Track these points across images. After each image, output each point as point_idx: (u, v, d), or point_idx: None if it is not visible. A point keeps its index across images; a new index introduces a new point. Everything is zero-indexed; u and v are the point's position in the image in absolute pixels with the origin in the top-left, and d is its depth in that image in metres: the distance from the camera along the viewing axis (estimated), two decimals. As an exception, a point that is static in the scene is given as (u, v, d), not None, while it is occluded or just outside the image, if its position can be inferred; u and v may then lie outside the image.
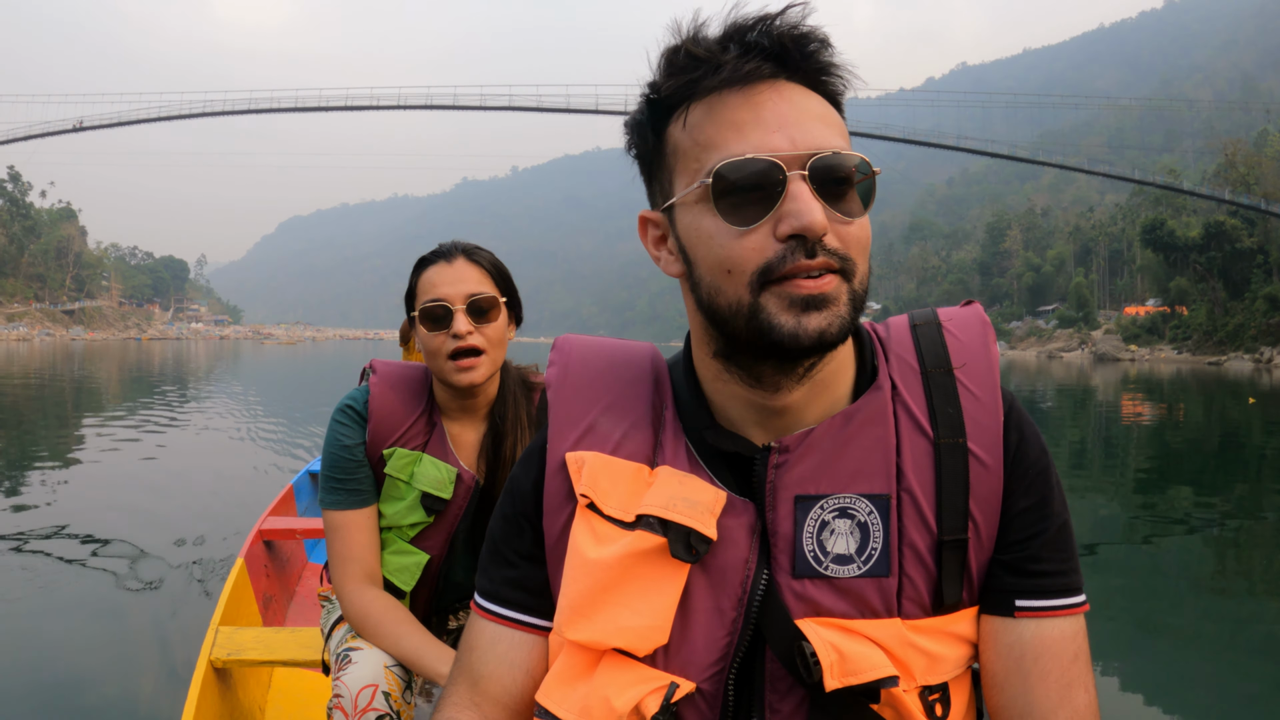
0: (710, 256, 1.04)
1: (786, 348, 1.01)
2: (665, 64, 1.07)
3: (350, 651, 2.14)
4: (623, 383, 1.23)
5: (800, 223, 0.98)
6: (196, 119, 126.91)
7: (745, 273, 1.01)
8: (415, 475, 2.27)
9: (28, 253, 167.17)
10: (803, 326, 1.00)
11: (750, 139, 1.01)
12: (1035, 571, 1.12)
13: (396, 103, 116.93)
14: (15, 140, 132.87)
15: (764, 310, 1.01)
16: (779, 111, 1.02)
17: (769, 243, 1.00)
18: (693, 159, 1.06)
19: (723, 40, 1.04)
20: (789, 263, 0.99)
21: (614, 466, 1.16)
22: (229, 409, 21.69)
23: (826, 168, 1.01)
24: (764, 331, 1.01)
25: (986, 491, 1.12)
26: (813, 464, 1.10)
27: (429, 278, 2.25)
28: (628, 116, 1.16)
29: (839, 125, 1.07)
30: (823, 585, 1.09)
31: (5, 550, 7.09)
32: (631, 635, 1.11)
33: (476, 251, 2.31)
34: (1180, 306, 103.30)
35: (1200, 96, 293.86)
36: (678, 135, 1.08)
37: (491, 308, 2.24)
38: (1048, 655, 1.11)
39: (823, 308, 1.00)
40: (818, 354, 1.04)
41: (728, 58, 1.02)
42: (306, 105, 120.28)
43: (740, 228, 1.01)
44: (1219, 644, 5.93)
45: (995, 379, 1.16)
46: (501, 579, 1.24)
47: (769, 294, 1.01)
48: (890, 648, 1.08)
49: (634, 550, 1.11)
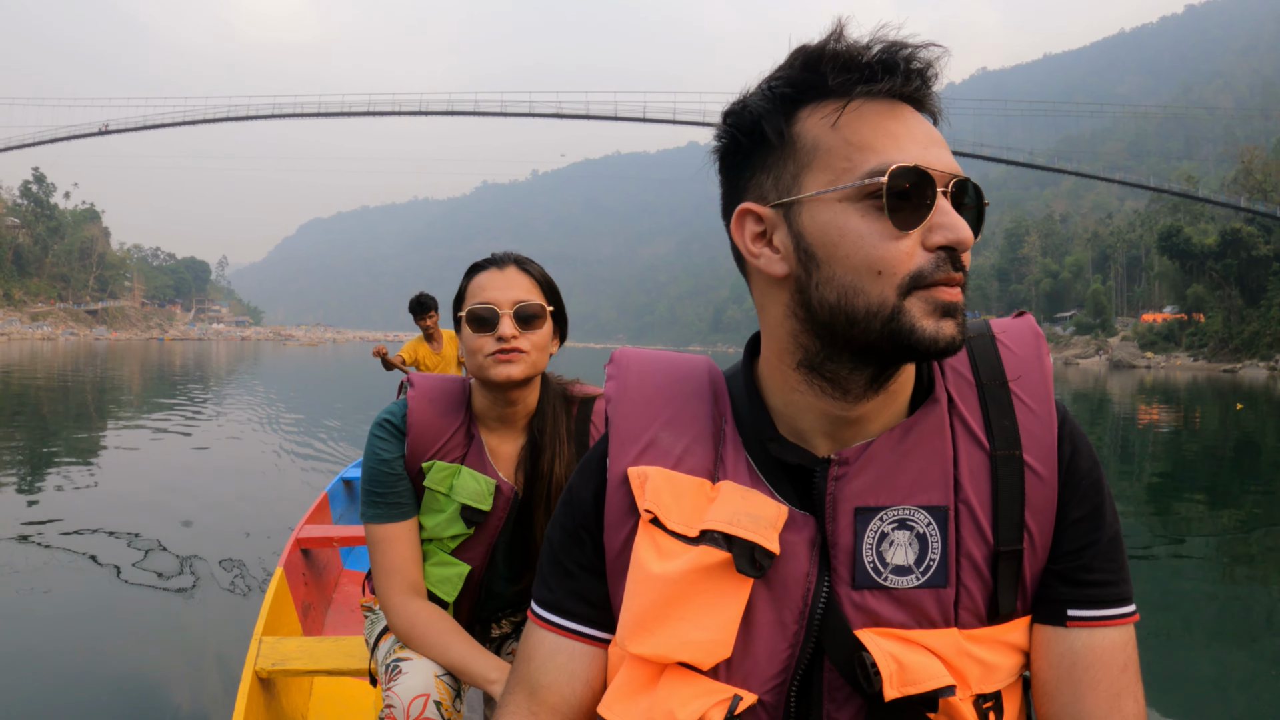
0: (857, 255, 1.04)
1: (924, 350, 1.03)
2: (815, 59, 1.06)
3: (400, 662, 2.17)
4: (682, 396, 1.25)
5: (956, 236, 1.02)
6: (220, 123, 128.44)
7: (897, 275, 1.03)
8: (454, 488, 2.29)
9: (52, 253, 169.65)
10: (941, 331, 1.03)
11: (906, 149, 1.03)
12: (1087, 581, 1.14)
13: (418, 108, 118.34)
14: (43, 143, 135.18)
15: (907, 313, 1.03)
16: (921, 129, 1.06)
17: (918, 250, 1.03)
18: (841, 157, 1.05)
19: (885, 50, 1.05)
20: (940, 272, 1.02)
21: (676, 481, 1.17)
22: (257, 410, 21.78)
23: (962, 191, 1.06)
24: (903, 334, 1.03)
25: (1041, 502, 1.14)
26: (872, 476, 1.12)
27: (479, 282, 2.28)
28: (732, 105, 1.14)
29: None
30: (882, 596, 1.11)
31: (42, 552, 7.12)
32: (696, 649, 1.12)
33: (528, 262, 2.35)
34: (1197, 314, 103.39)
35: (1221, 102, 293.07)
36: (819, 130, 1.07)
37: (538, 316, 2.26)
38: (1098, 665, 1.12)
39: (956, 315, 1.04)
40: (944, 357, 1.06)
41: (896, 70, 1.05)
42: (329, 110, 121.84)
43: (900, 231, 1.02)
44: (1236, 651, 5.96)
45: (1049, 391, 1.18)
46: (562, 590, 1.25)
47: (914, 298, 1.03)
48: (947, 657, 1.10)
49: (698, 565, 1.12)
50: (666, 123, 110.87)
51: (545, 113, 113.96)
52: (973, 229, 1.06)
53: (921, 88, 1.06)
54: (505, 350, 2.21)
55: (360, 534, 4.99)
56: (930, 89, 1.08)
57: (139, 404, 23.43)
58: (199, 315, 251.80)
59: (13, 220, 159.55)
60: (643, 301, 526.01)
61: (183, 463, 12.48)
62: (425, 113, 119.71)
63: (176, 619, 5.63)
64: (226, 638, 5.14)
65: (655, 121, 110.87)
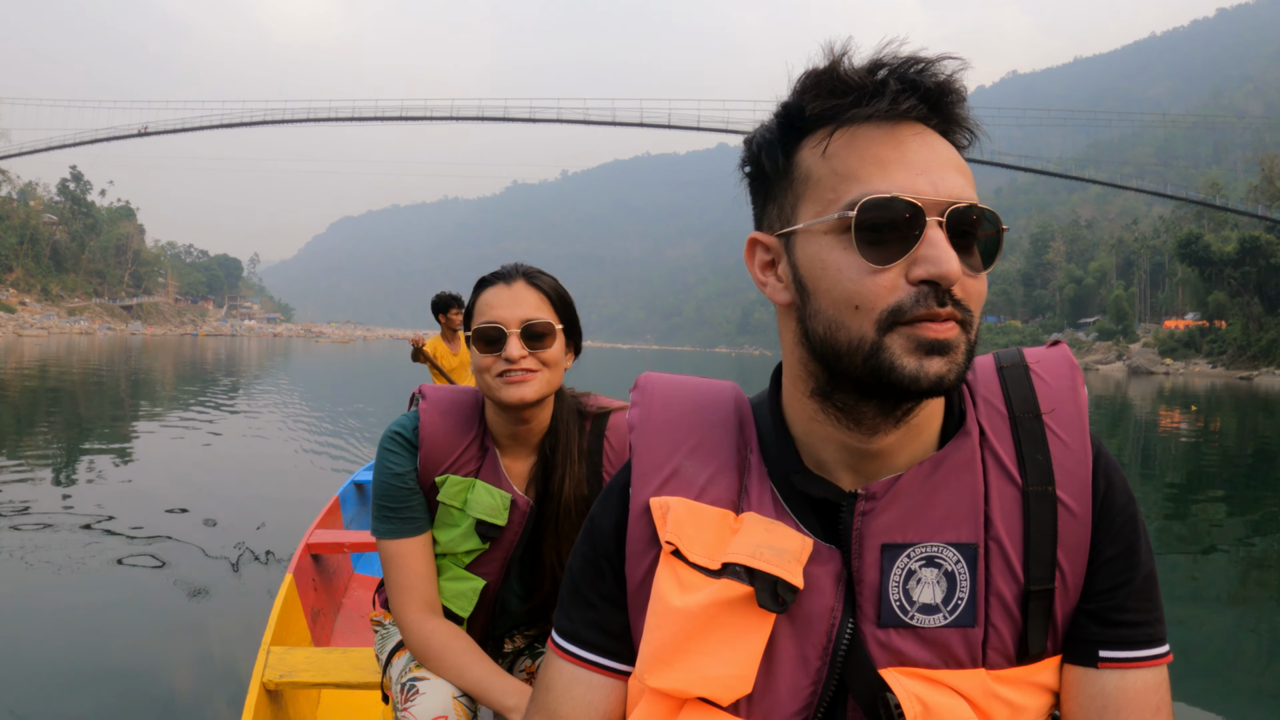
0: (837, 290, 1.03)
1: (904, 389, 1.01)
2: (812, 84, 1.04)
3: (416, 681, 2.13)
4: (707, 425, 1.22)
5: (938, 270, 0.98)
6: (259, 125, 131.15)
7: (875, 310, 1.00)
8: (469, 502, 2.24)
9: (88, 249, 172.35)
10: (924, 370, 0.99)
11: (895, 178, 1.00)
12: (1120, 621, 1.11)
13: (450, 113, 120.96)
14: (84, 143, 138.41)
15: (887, 350, 1.00)
16: (922, 155, 1.02)
17: (901, 284, 1.00)
18: (828, 188, 1.04)
19: (873, 70, 1.02)
20: (921, 307, 0.99)
21: (699, 513, 1.15)
22: (287, 407, 22.16)
23: (962, 219, 1.01)
24: (883, 371, 1.01)
25: (1074, 540, 1.11)
26: (900, 512, 1.10)
27: (486, 299, 2.21)
28: (750, 133, 1.13)
29: (971, 178, 1.05)
30: (907, 635, 1.09)
31: (58, 547, 7.16)
32: (716, 684, 1.10)
33: (538, 276, 2.26)
34: (1219, 320, 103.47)
35: (1251, 107, 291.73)
36: (812, 161, 1.06)
37: (547, 334, 2.18)
38: (1130, 708, 1.10)
39: (945, 353, 1.00)
40: (930, 398, 1.03)
41: (886, 90, 1.01)
42: (363, 115, 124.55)
43: (876, 265, 1.00)
44: (1252, 661, 6.01)
45: (1084, 424, 1.15)
46: (581, 620, 1.23)
47: (895, 334, 1.00)
48: (974, 699, 1.08)
49: (720, 599, 1.09)
50: (690, 129, 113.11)
51: (572, 119, 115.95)
52: (986, 257, 1.04)
53: (919, 106, 1.02)
54: (514, 371, 2.14)
55: (370, 540, 5.08)
56: (940, 105, 1.04)
57: (173, 399, 23.89)
58: (231, 312, 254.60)
59: (50, 217, 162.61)
60: (671, 303, 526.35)
61: (204, 459, 12.76)
62: (456, 118, 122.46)
63: (185, 621, 5.62)
64: (234, 641, 5.19)
65: (679, 129, 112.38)
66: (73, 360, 43.39)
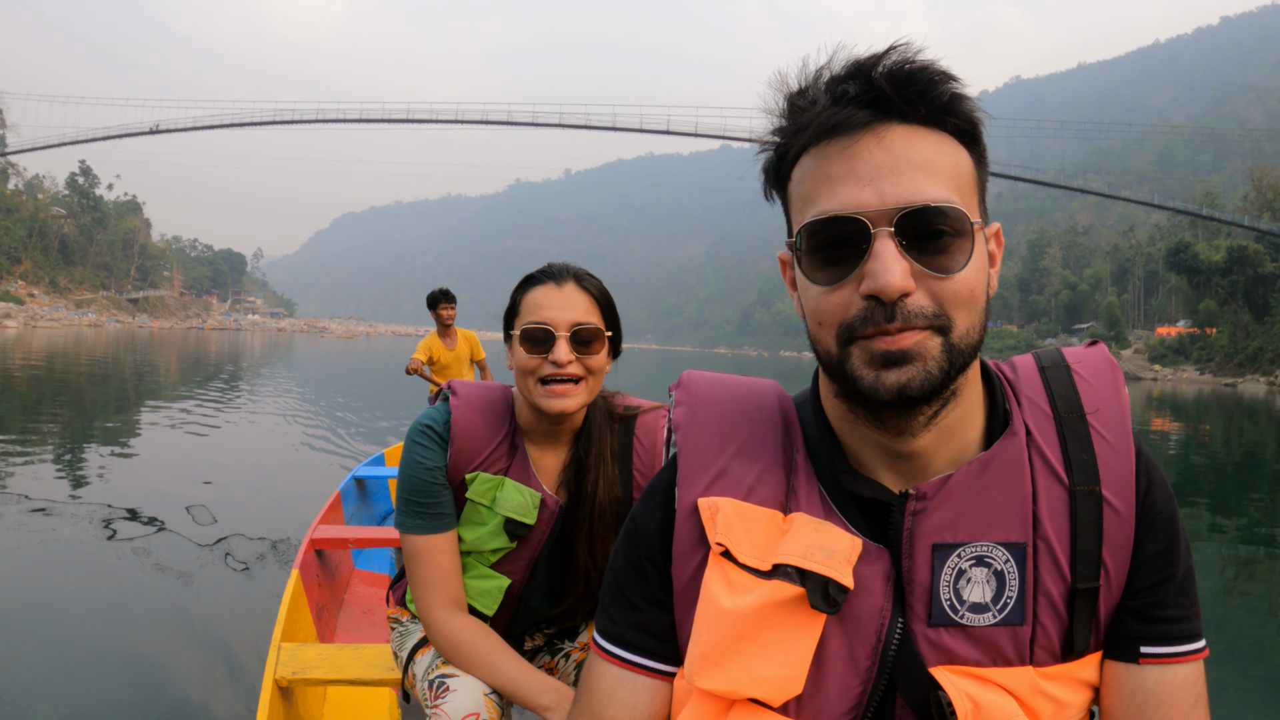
0: (807, 307, 1.07)
1: (868, 400, 1.03)
2: (778, 124, 1.08)
3: (446, 679, 2.08)
4: (752, 424, 1.22)
5: (875, 284, 0.98)
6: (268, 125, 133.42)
7: (833, 326, 1.03)
8: (498, 500, 2.19)
9: (95, 243, 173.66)
10: (880, 381, 1.00)
11: (840, 194, 1.00)
12: (1161, 618, 1.12)
13: (454, 117, 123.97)
14: (96, 139, 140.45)
15: (849, 362, 1.03)
16: (874, 162, 1.00)
17: (853, 299, 1.01)
18: (796, 212, 1.07)
19: (827, 88, 1.03)
20: (870, 325, 1.00)
21: (748, 513, 1.15)
22: (290, 400, 22.12)
23: (916, 222, 0.99)
24: (850, 382, 1.03)
25: (1119, 539, 1.12)
26: (951, 512, 1.10)
27: (535, 298, 2.13)
28: (761, 162, 1.15)
29: (947, 171, 1.03)
30: (957, 634, 1.09)
31: (64, 541, 7.13)
32: (767, 685, 1.09)
33: (587, 278, 2.19)
34: (1210, 328, 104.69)
35: (1252, 116, 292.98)
36: (792, 186, 1.09)
37: (595, 339, 2.13)
38: (1169, 702, 1.11)
39: (903, 363, 1.00)
40: (902, 408, 1.04)
41: (817, 105, 1.02)
42: (370, 117, 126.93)
43: (825, 286, 1.02)
44: (1241, 665, 6.03)
45: (1127, 425, 1.16)
46: (625, 622, 1.22)
47: (854, 347, 1.02)
48: (1022, 696, 1.09)
49: (771, 600, 1.09)
50: (689, 135, 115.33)
51: (574, 124, 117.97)
52: (953, 258, 1.02)
53: (888, 103, 1.01)
54: (559, 380, 2.10)
55: (373, 536, 5.11)
56: (907, 99, 1.01)
57: (179, 392, 23.87)
58: (234, 306, 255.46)
59: (59, 211, 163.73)
60: (672, 303, 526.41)
61: (208, 454, 12.69)
62: (461, 121, 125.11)
63: (193, 617, 5.54)
64: (240, 635, 5.17)
65: (679, 135, 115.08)
66: (80, 352, 43.49)
